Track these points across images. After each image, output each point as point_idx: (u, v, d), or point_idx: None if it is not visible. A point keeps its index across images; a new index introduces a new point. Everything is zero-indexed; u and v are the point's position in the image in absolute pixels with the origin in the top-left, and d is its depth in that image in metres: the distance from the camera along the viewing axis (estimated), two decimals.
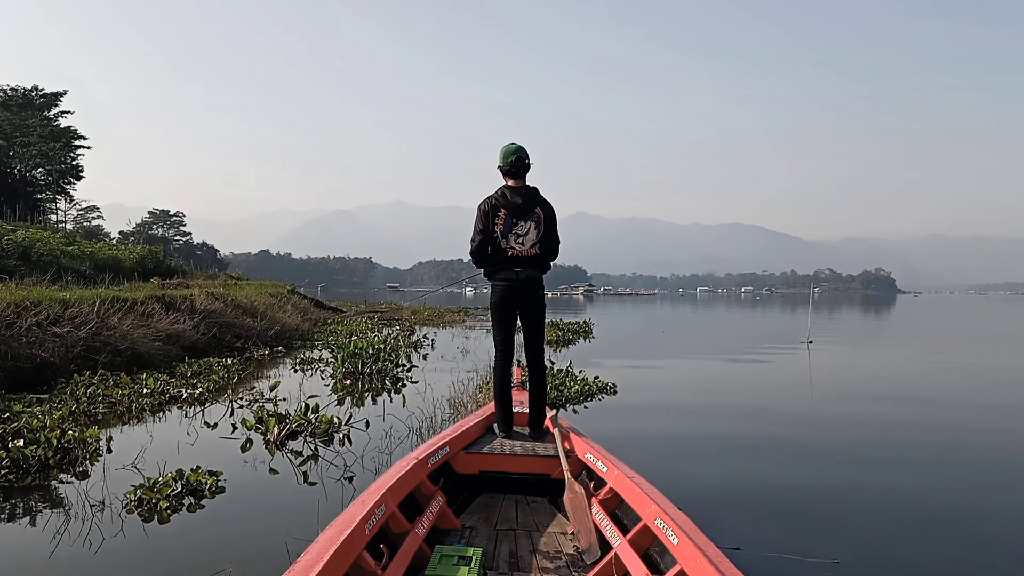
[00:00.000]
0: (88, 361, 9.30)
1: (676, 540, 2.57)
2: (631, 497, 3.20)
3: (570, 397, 8.47)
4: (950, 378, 12.31)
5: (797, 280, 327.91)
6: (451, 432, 4.14)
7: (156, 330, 11.42)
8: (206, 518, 4.24)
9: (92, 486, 4.70)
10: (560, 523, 3.68)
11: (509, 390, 4.49)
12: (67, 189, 49.84)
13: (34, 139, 44.13)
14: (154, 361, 10.52)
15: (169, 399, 7.93)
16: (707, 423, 7.60)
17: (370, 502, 2.78)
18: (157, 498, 4.31)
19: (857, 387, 10.79)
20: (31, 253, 18.10)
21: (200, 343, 12.41)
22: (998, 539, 4.20)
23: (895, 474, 5.59)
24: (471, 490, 4.11)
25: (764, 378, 11.88)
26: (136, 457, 5.31)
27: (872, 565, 3.73)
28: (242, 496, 4.65)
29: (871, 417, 8.12)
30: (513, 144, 4.33)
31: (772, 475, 5.53)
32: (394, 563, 2.76)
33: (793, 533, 4.17)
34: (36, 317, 9.27)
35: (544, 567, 3.14)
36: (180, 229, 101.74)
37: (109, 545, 3.73)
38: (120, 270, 20.89)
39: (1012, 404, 9.28)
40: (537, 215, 4.30)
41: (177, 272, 27.63)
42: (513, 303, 4.38)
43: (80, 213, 62.85)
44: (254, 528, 4.18)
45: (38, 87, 46.50)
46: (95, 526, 3.97)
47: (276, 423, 6.17)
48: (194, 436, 6.29)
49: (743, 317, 41.20)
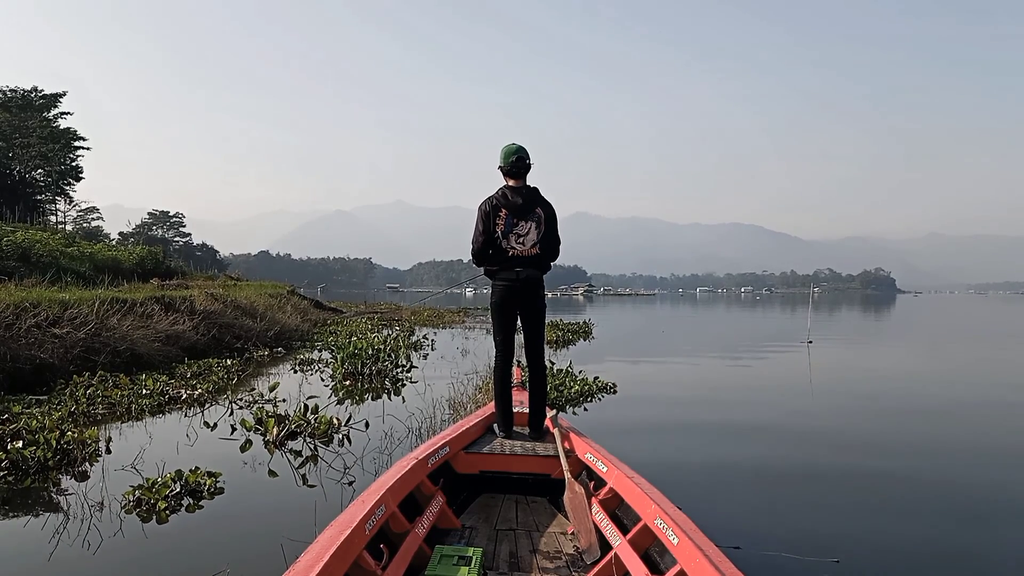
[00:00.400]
0: (87, 362, 9.29)
1: (676, 540, 2.57)
2: (631, 497, 3.20)
3: (570, 397, 8.46)
4: (950, 378, 12.31)
5: (797, 280, 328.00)
6: (451, 432, 4.14)
7: (155, 331, 11.41)
8: (205, 519, 4.23)
9: (91, 487, 4.69)
10: (560, 523, 3.68)
11: (509, 390, 4.50)
12: (67, 190, 49.80)
13: (34, 140, 44.09)
14: (153, 362, 10.51)
15: (168, 400, 7.92)
16: (707, 423, 7.59)
17: (370, 502, 2.78)
18: (156, 499, 4.30)
19: (857, 387, 10.77)
20: (30, 254, 18.10)
21: (200, 344, 12.39)
22: (999, 537, 4.19)
23: (895, 473, 5.58)
24: (471, 490, 4.11)
25: (764, 378, 11.88)
26: (135, 458, 5.30)
27: (872, 564, 3.72)
28: (241, 497, 4.65)
29: (871, 416, 8.11)
30: (513, 144, 4.34)
31: (772, 474, 5.53)
32: (394, 563, 2.76)
33: (793, 532, 4.17)
34: (35, 318, 9.26)
35: (544, 567, 3.14)
36: (180, 230, 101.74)
37: (108, 546, 3.73)
38: (120, 271, 20.88)
39: (1012, 403, 9.26)
40: (538, 215, 4.31)
41: (177, 273, 27.62)
42: (513, 303, 4.39)
43: (80, 214, 62.89)
44: (252, 529, 4.17)
45: (37, 88, 46.44)
46: (94, 527, 3.97)
47: (275, 424, 6.16)
48: (193, 437, 6.28)
49: (743, 317, 41.20)
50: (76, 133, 46.90)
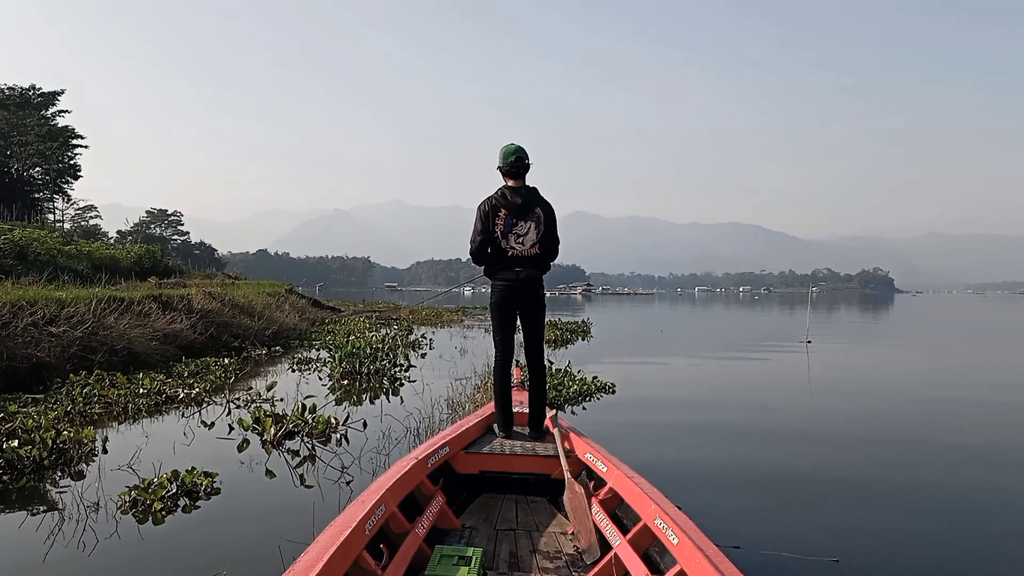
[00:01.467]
0: (84, 361, 9.25)
1: (676, 540, 2.57)
2: (631, 497, 3.19)
3: (569, 397, 8.44)
4: (949, 378, 12.29)
5: (795, 279, 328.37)
6: (451, 432, 4.14)
7: (153, 330, 11.38)
8: (201, 520, 4.20)
9: (87, 487, 4.66)
10: (560, 523, 3.68)
11: (509, 390, 4.50)
12: (64, 188, 49.73)
13: (31, 138, 44.02)
14: (151, 361, 10.48)
15: (166, 399, 7.89)
16: (707, 422, 7.57)
17: (370, 502, 2.77)
18: (152, 499, 4.28)
19: (856, 387, 10.76)
20: (28, 252, 18.06)
21: (197, 343, 12.35)
22: (999, 537, 4.18)
23: (895, 472, 5.57)
24: (471, 490, 4.10)
25: (763, 378, 11.86)
26: (132, 458, 5.27)
27: (872, 563, 3.71)
28: (238, 497, 4.62)
29: (871, 416, 8.10)
30: (513, 144, 4.34)
31: (772, 474, 5.51)
32: (394, 563, 2.76)
33: (793, 532, 4.16)
34: (32, 317, 9.23)
35: (544, 567, 3.13)
36: (178, 229, 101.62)
37: (103, 547, 3.70)
38: (117, 270, 20.84)
39: (1011, 403, 9.25)
40: (537, 215, 4.31)
41: (175, 272, 27.58)
42: (513, 303, 4.39)
43: (78, 212, 62.78)
44: (249, 530, 4.15)
45: (35, 86, 46.31)
46: (89, 527, 3.94)
47: (273, 423, 6.13)
48: (190, 436, 6.25)
49: (741, 317, 41.22)
50: (74, 131, 46.81)
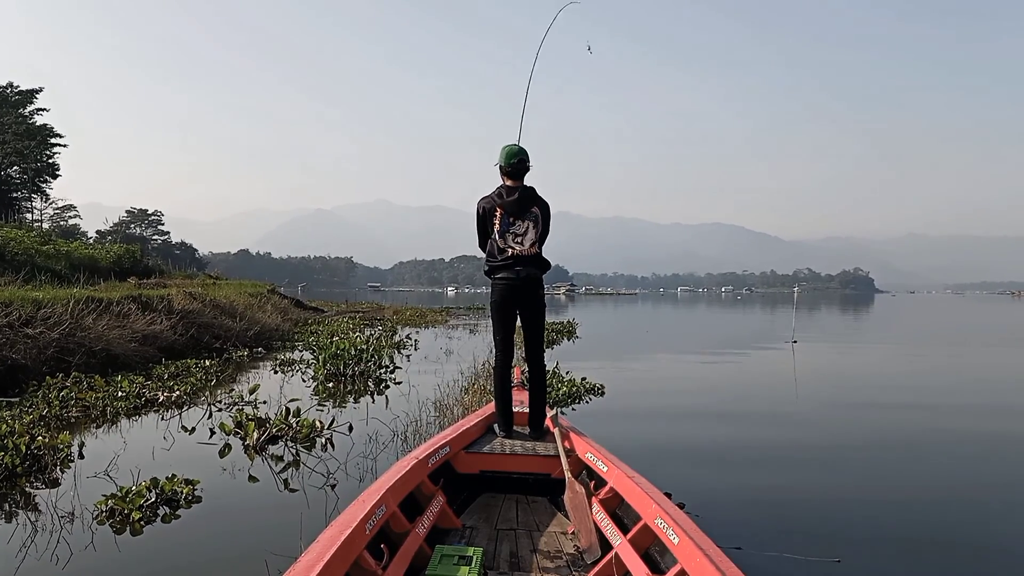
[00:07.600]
0: (61, 363, 9.02)
1: (676, 540, 2.57)
2: (631, 496, 3.20)
3: (558, 399, 8.34)
4: (934, 376, 12.34)
5: (777, 280, 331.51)
6: (451, 432, 4.15)
7: (132, 331, 11.15)
8: (181, 529, 4.05)
9: (62, 495, 4.50)
10: (560, 523, 3.68)
11: (509, 389, 4.52)
12: (43, 188, 49.07)
13: (9, 137, 43.36)
14: (130, 363, 10.27)
15: (145, 402, 7.69)
16: (698, 423, 7.53)
17: (370, 502, 2.78)
18: (129, 508, 4.11)
19: (849, 385, 10.81)
20: (4, 252, 17.75)
21: (178, 344, 12.13)
22: (1000, 536, 4.15)
23: (895, 472, 5.56)
24: (471, 490, 4.11)
25: (755, 377, 11.88)
26: (109, 464, 5.09)
27: (873, 564, 3.69)
28: (220, 505, 4.48)
29: (869, 416, 8.09)
30: (516, 145, 4.39)
31: (772, 474, 5.48)
32: (394, 563, 2.76)
33: (794, 532, 4.12)
34: (7, 318, 9.00)
35: (544, 567, 3.14)
36: (158, 228, 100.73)
37: (78, 559, 3.54)
38: (96, 270, 20.53)
39: (1002, 403, 9.30)
40: (535, 214, 4.36)
41: (155, 272, 27.25)
42: (513, 302, 4.42)
43: (56, 212, 61.99)
44: (232, 539, 4.02)
45: (13, 84, 45.66)
46: (63, 539, 3.78)
47: (256, 427, 5.97)
48: (170, 441, 6.09)
49: (725, 317, 41.47)
50: (52, 130, 46.18)
